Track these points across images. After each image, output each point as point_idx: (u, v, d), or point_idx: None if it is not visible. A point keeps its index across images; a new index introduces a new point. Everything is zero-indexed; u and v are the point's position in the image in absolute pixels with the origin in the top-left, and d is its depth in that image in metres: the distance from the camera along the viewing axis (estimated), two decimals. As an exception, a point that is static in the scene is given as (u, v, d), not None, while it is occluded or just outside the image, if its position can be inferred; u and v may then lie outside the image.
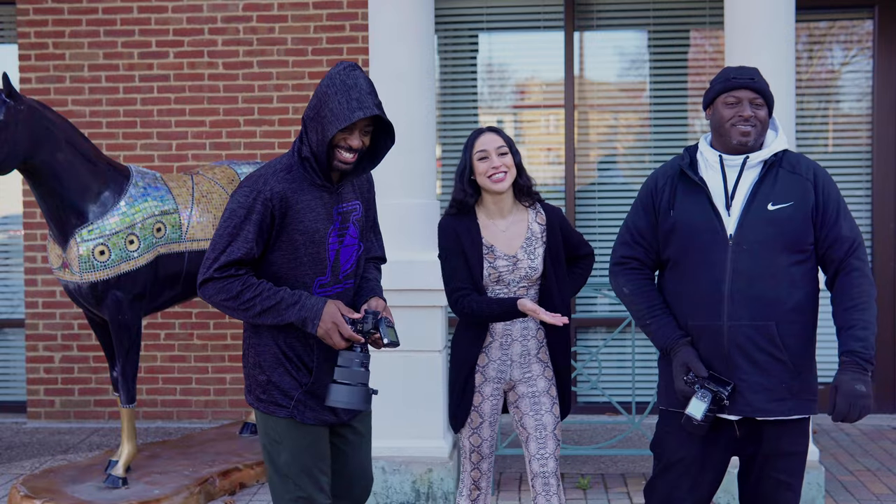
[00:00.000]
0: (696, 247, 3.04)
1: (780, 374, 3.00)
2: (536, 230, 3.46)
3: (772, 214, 2.98)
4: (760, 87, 3.05)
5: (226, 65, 6.53)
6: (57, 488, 4.74)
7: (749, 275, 2.98)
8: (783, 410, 3.02)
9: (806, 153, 6.56)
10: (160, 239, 4.81)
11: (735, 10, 4.79)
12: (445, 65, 6.80)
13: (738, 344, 2.99)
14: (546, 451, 3.45)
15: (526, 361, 3.48)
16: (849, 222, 3.03)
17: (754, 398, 3.00)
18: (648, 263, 3.19)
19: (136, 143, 6.58)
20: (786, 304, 2.98)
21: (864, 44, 6.64)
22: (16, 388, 7.00)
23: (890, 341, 6.56)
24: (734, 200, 3.03)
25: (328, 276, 2.98)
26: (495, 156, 3.37)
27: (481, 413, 3.49)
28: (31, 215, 6.63)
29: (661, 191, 3.14)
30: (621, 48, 6.83)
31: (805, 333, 3.05)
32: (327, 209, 2.97)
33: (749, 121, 3.01)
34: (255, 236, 2.86)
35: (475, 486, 3.58)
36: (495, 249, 3.41)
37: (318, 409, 3.02)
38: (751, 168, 3.06)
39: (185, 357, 6.59)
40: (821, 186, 3.02)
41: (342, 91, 2.85)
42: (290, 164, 2.95)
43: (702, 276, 3.03)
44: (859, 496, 4.96)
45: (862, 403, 2.92)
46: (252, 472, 5.18)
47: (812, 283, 3.05)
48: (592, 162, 6.74)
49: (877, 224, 6.56)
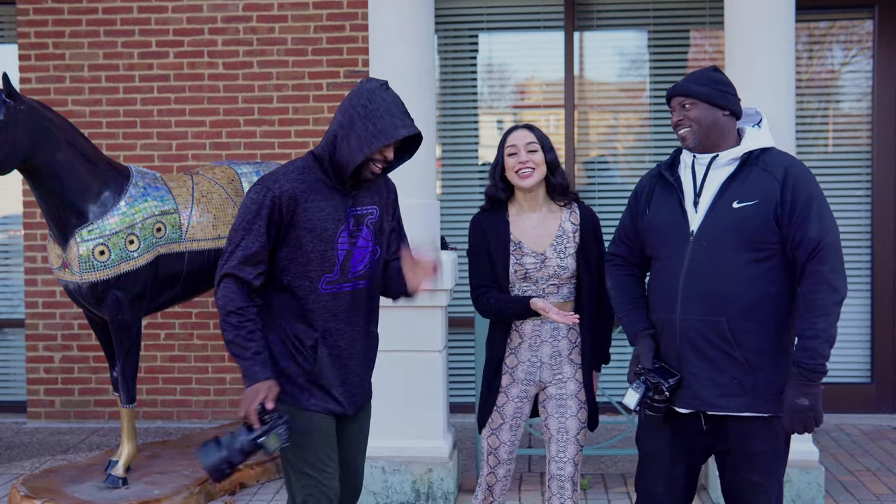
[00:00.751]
0: (664, 244, 3.10)
1: (732, 370, 2.99)
2: (569, 229, 3.44)
3: (735, 212, 2.98)
4: (684, 88, 3.08)
5: (226, 65, 6.53)
6: (57, 488, 4.74)
7: (704, 271, 2.99)
8: (734, 407, 3.01)
9: (806, 153, 6.56)
10: (160, 239, 4.81)
11: (735, 10, 4.79)
12: (445, 65, 6.80)
13: (689, 338, 3.02)
14: (565, 455, 3.43)
15: (557, 363, 3.44)
16: (820, 223, 2.94)
17: (704, 392, 3.02)
18: (633, 260, 3.26)
19: (136, 143, 6.58)
20: (740, 302, 2.96)
21: (864, 44, 6.64)
22: (16, 388, 7.00)
23: (890, 341, 6.56)
24: (701, 198, 3.06)
25: (336, 274, 3.06)
26: (524, 152, 3.38)
27: (503, 414, 3.48)
28: (31, 215, 6.63)
29: (643, 191, 3.24)
30: (621, 48, 6.83)
31: (764, 332, 2.99)
32: (338, 210, 3.06)
33: (680, 124, 3.08)
34: (265, 230, 2.99)
35: (489, 492, 3.55)
36: (523, 246, 3.41)
37: (320, 398, 3.09)
38: (721, 166, 3.07)
39: (185, 357, 6.59)
40: (790, 185, 2.96)
41: (384, 108, 2.99)
42: (304, 167, 3.08)
43: (664, 272, 3.10)
44: (859, 496, 4.96)
45: (805, 417, 2.92)
46: (252, 472, 5.18)
47: (775, 282, 2.99)
48: (592, 162, 6.75)
49: (877, 224, 6.55)
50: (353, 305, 3.12)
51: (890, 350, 6.56)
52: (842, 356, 6.63)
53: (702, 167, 3.09)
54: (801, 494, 4.72)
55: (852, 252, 6.62)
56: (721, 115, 3.07)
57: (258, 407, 2.93)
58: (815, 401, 2.93)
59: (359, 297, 3.14)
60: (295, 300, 3.06)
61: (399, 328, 4.65)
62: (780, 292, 3.00)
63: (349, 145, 2.99)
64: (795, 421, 2.93)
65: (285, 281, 3.06)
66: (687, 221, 3.05)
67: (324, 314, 3.06)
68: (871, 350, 6.61)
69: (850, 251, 6.62)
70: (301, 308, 3.05)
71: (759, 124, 3.15)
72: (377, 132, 2.96)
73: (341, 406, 3.13)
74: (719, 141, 3.07)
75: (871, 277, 6.59)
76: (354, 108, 3.00)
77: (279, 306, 3.08)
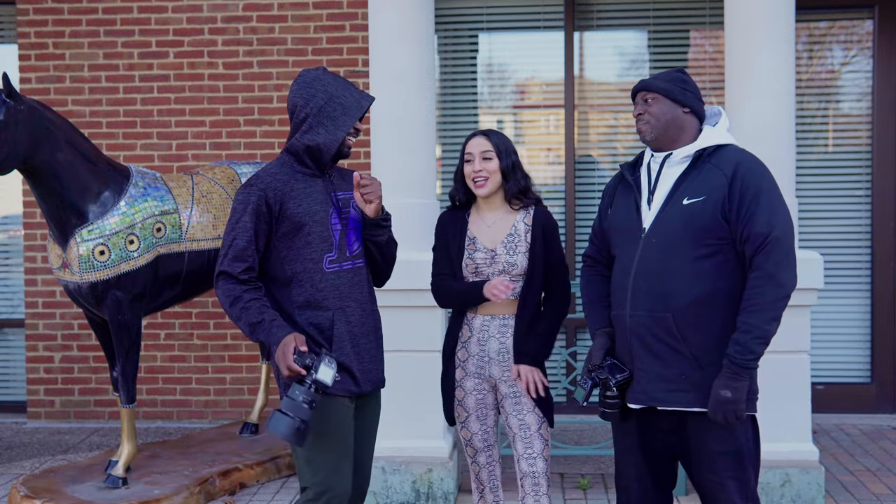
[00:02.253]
0: (620, 242, 3.15)
1: (679, 365, 2.99)
2: (521, 229, 3.50)
3: (685, 209, 3.00)
4: (647, 83, 3.13)
5: (226, 65, 6.53)
6: (57, 488, 4.74)
7: (652, 267, 3.02)
8: (682, 402, 3.01)
9: (806, 153, 6.57)
10: (160, 239, 4.81)
11: (735, 9, 4.78)
12: (445, 65, 6.80)
13: (637, 334, 3.04)
14: (533, 450, 3.44)
15: (505, 360, 3.48)
16: (766, 217, 2.92)
17: (651, 387, 3.03)
18: (601, 260, 3.32)
19: (136, 143, 6.59)
20: (686, 297, 2.96)
21: (864, 44, 6.64)
22: (16, 388, 7.00)
23: (890, 341, 6.56)
24: (655, 196, 3.09)
25: (335, 253, 3.18)
26: (478, 160, 3.46)
27: (466, 407, 3.54)
28: (31, 215, 6.63)
29: (608, 191, 3.30)
30: (621, 48, 6.83)
31: (712, 328, 2.98)
32: (323, 194, 3.20)
33: (640, 118, 3.13)
34: (253, 225, 3.10)
35: (477, 480, 3.61)
36: (476, 242, 3.50)
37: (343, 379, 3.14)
38: (674, 164, 3.09)
39: (185, 357, 6.59)
40: (739, 180, 2.95)
41: (341, 87, 3.20)
42: (282, 163, 3.22)
43: (618, 269, 3.14)
44: (859, 496, 4.96)
45: (727, 409, 2.92)
46: (252, 472, 5.18)
47: (724, 278, 2.98)
48: (592, 162, 6.75)
49: (877, 224, 6.55)
50: (356, 283, 3.22)
51: (890, 350, 6.56)
52: (842, 356, 6.64)
53: (656, 165, 3.12)
54: (801, 494, 4.72)
55: (852, 252, 6.62)
56: (681, 111, 3.09)
57: (294, 357, 2.95)
58: (737, 394, 2.91)
59: (359, 275, 3.25)
60: (302, 288, 3.13)
61: (399, 328, 4.65)
62: (729, 288, 2.98)
63: (326, 129, 3.16)
64: (717, 412, 2.93)
65: (289, 271, 3.13)
66: (640, 220, 3.09)
67: (332, 293, 3.15)
68: (871, 350, 6.61)
69: (850, 251, 6.62)
70: (310, 293, 3.13)
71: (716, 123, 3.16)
72: (347, 109, 3.16)
73: (359, 385, 3.19)
74: (677, 137, 3.09)
75: (871, 277, 6.59)
76: (315, 97, 3.16)
77: (287, 302, 3.14)
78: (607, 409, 3.11)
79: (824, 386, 6.49)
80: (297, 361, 2.94)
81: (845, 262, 6.61)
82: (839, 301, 6.56)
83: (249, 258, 3.10)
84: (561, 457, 5.56)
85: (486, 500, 3.61)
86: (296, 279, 3.13)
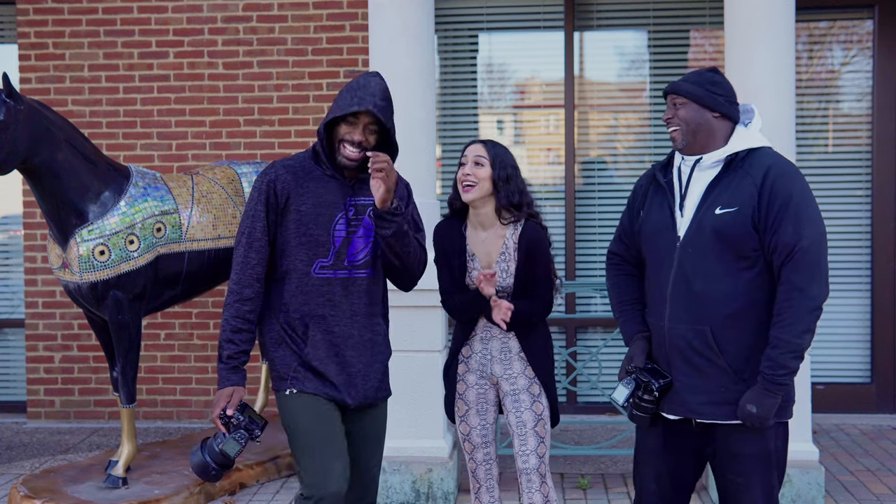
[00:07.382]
0: (654, 247, 3.09)
1: (718, 378, 2.97)
2: (510, 247, 3.47)
3: (717, 218, 2.93)
4: (677, 86, 3.03)
5: (226, 65, 6.53)
6: (57, 488, 4.74)
7: (690, 278, 2.96)
8: (721, 415, 2.98)
9: (806, 153, 6.57)
10: (160, 239, 4.81)
11: (735, 9, 4.79)
12: (445, 65, 6.80)
13: (676, 346, 3.00)
14: (527, 447, 3.48)
15: (507, 359, 3.52)
16: (794, 226, 2.85)
17: (691, 399, 3.00)
18: (630, 259, 3.26)
19: (136, 143, 6.58)
20: (724, 310, 2.93)
21: (864, 44, 6.64)
22: (16, 388, 7.00)
23: (890, 341, 6.56)
24: (687, 202, 3.03)
25: (331, 260, 3.14)
26: (470, 165, 3.44)
27: (466, 401, 3.57)
28: (31, 215, 6.63)
29: (639, 191, 3.22)
30: (621, 48, 6.83)
31: (749, 340, 2.94)
32: (336, 198, 3.15)
33: (670, 122, 3.05)
34: (264, 212, 3.13)
35: (474, 478, 3.62)
36: (476, 259, 3.51)
37: (316, 381, 3.15)
38: (705, 169, 3.02)
39: (185, 357, 6.59)
40: (767, 188, 2.89)
41: (351, 89, 3.10)
42: (303, 156, 3.22)
43: (654, 277, 3.09)
44: (859, 496, 4.96)
45: (751, 422, 2.93)
46: (252, 472, 5.18)
47: (762, 289, 2.93)
48: (592, 162, 6.74)
49: (877, 224, 6.55)
50: (350, 293, 3.17)
51: (890, 350, 6.56)
52: (842, 356, 6.64)
53: (687, 169, 3.06)
54: (801, 494, 4.72)
55: (852, 252, 6.62)
56: (710, 116, 3.01)
57: (220, 413, 3.08)
58: (763, 411, 2.89)
59: (356, 285, 3.18)
60: (290, 285, 3.14)
61: (399, 328, 4.65)
62: (767, 299, 2.94)
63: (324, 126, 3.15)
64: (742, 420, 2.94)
65: (283, 266, 3.15)
66: (675, 226, 3.03)
67: (317, 298, 3.13)
68: (871, 350, 6.61)
69: (850, 251, 6.62)
70: (293, 294, 3.14)
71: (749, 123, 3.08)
72: (335, 108, 3.09)
73: (339, 393, 3.15)
74: (707, 143, 3.02)
75: (871, 277, 6.59)
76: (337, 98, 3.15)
77: (277, 296, 3.17)
78: (640, 411, 3.06)
79: (824, 386, 6.49)
80: (222, 418, 3.10)
81: (845, 262, 6.61)
82: (839, 301, 6.55)
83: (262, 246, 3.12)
84: (561, 457, 5.56)
85: (482, 499, 3.62)
86: (287, 277, 3.14)
